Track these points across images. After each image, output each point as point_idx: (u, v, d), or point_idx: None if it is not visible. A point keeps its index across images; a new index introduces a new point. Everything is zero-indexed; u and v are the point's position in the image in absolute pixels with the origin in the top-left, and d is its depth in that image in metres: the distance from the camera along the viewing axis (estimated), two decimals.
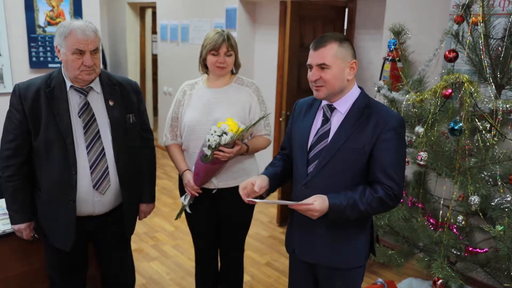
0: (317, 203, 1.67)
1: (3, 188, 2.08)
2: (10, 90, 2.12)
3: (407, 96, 2.59)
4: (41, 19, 3.56)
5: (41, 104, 1.99)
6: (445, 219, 2.57)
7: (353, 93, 1.79)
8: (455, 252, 2.62)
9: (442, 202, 2.72)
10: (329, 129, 1.78)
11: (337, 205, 1.69)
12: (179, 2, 5.89)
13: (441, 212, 2.65)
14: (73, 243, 2.09)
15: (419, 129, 2.51)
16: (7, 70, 3.49)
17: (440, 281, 2.43)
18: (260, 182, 1.80)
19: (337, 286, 1.89)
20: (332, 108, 1.80)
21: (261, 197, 1.83)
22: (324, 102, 1.83)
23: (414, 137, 2.58)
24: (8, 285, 2.28)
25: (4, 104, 2.20)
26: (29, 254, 2.32)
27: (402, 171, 1.76)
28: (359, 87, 1.83)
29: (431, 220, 2.75)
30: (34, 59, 3.58)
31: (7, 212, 2.13)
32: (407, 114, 2.69)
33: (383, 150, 1.70)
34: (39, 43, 3.59)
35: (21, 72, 3.47)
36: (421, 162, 2.49)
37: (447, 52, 2.51)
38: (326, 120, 1.81)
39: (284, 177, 1.97)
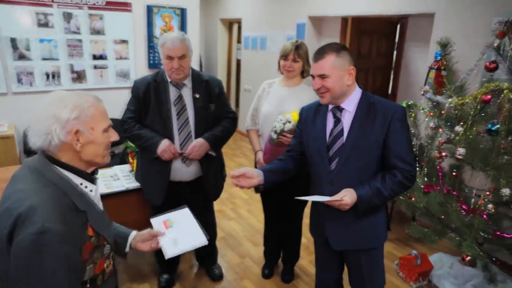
0: (347, 197, 1.56)
1: (133, 137, 2.18)
2: (131, 84, 2.31)
3: (449, 99, 2.43)
4: (157, 32, 3.76)
5: (150, 94, 2.15)
6: (476, 206, 2.40)
7: (356, 94, 1.64)
8: (483, 235, 2.45)
9: (474, 192, 2.54)
10: (342, 128, 1.64)
11: (364, 195, 1.57)
12: (259, 18, 5.92)
13: (473, 200, 2.48)
14: (164, 199, 2.23)
15: (458, 128, 2.35)
16: (132, 70, 3.74)
17: (469, 257, 2.30)
18: (251, 173, 1.68)
19: (363, 265, 1.75)
20: (340, 109, 1.65)
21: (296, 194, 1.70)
22: (331, 106, 1.68)
23: (453, 135, 2.43)
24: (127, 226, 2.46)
25: (128, 93, 2.37)
26: (142, 205, 2.50)
27: (413, 153, 1.63)
28: (360, 87, 1.68)
29: (464, 206, 2.59)
30: (151, 61, 3.80)
31: (129, 174, 2.30)
32: (448, 115, 2.53)
33: (395, 139, 1.58)
34: (155, 49, 3.80)
35: (141, 72, 3.69)
36: (460, 157, 2.34)
37: (488, 63, 2.33)
38: (337, 120, 1.65)
39: (283, 173, 1.80)
